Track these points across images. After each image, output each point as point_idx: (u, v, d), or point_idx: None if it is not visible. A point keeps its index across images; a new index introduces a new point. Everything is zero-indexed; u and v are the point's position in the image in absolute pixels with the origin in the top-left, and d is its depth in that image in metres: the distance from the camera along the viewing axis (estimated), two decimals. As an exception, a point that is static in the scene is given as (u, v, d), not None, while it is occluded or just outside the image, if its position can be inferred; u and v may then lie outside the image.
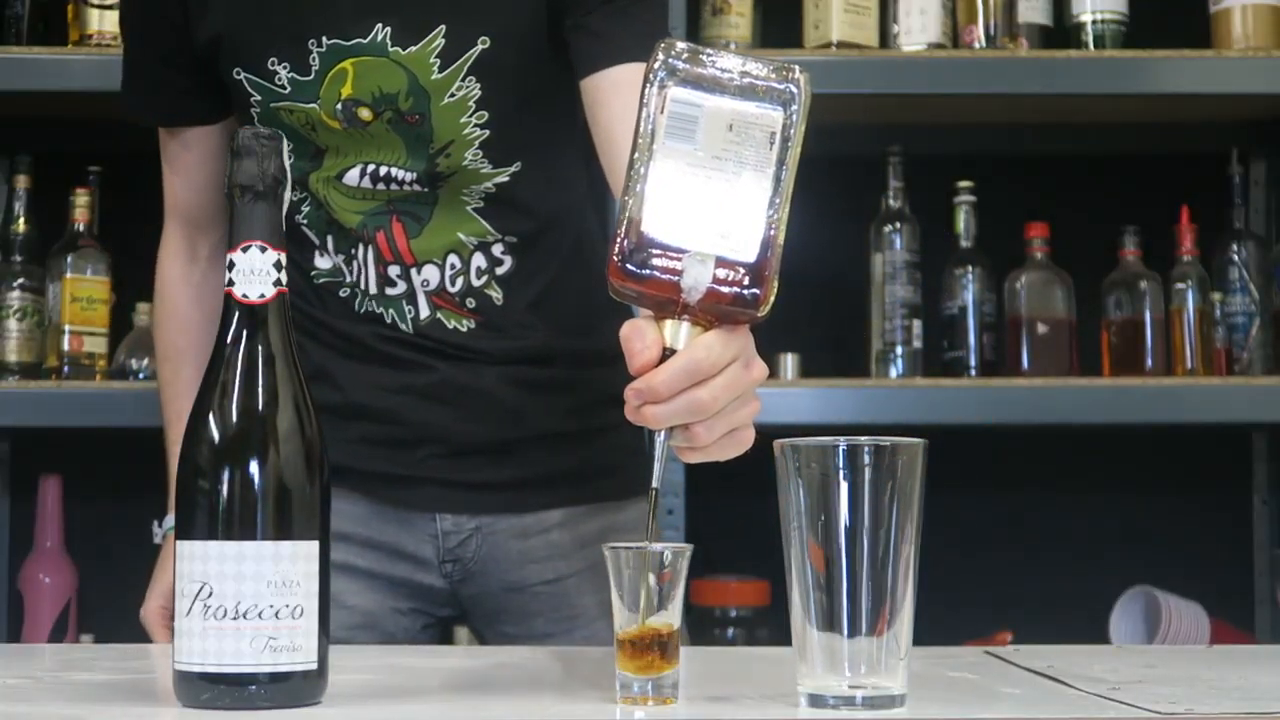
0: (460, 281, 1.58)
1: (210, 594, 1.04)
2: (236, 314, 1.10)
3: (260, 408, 1.08)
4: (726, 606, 2.51)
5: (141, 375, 2.39)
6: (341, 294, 1.60)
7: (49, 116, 2.59)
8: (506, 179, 1.56)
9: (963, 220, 2.55)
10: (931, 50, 2.46)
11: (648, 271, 1.07)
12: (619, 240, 1.08)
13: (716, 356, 1.09)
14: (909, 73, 2.44)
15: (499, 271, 1.59)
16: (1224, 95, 2.46)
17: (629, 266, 1.08)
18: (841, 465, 1.06)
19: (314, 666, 1.06)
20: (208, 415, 1.08)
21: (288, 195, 1.11)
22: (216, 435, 1.07)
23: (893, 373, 2.49)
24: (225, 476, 1.06)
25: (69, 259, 2.41)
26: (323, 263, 1.61)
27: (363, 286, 1.59)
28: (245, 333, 1.09)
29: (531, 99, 1.55)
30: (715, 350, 1.09)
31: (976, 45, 2.49)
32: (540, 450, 1.61)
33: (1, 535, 2.66)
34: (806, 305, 2.74)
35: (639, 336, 1.08)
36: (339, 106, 1.52)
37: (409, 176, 1.54)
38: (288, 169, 1.11)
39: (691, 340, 1.09)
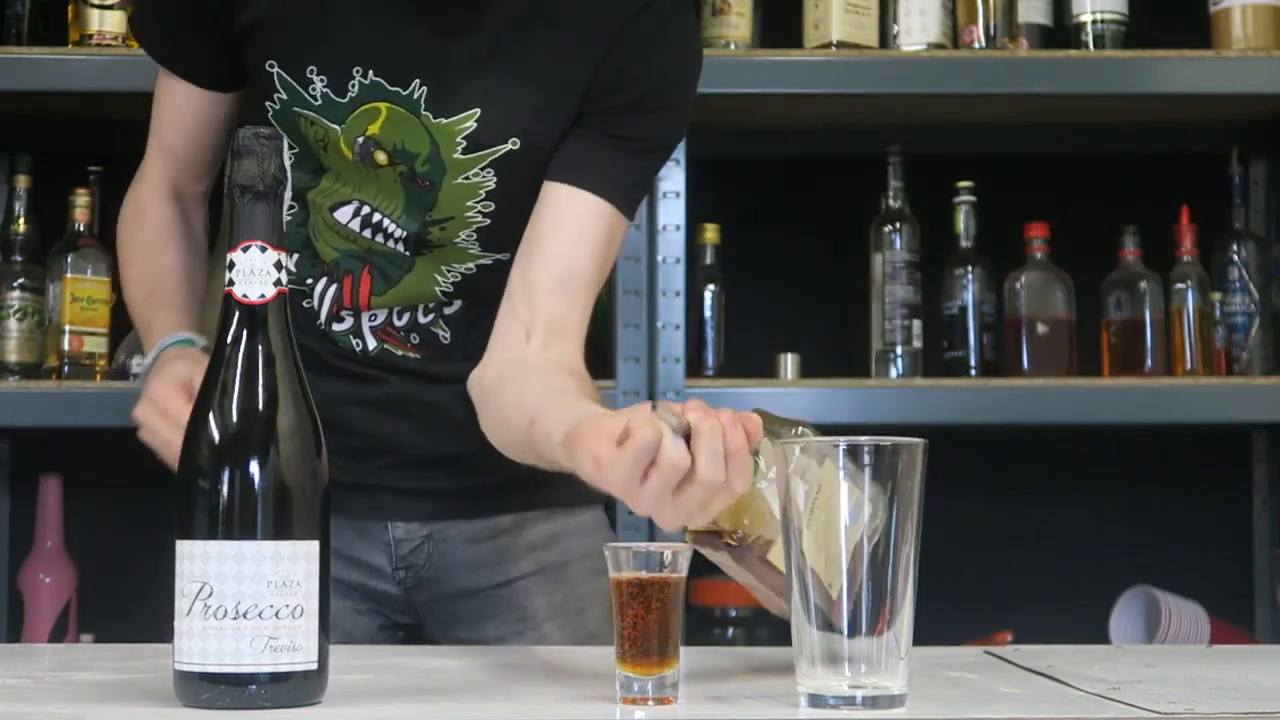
0: (406, 317, 1.60)
1: (210, 594, 1.04)
2: (237, 314, 1.10)
3: (260, 408, 1.08)
4: (726, 606, 2.51)
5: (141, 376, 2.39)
6: (305, 304, 1.60)
7: (49, 116, 2.59)
8: (489, 263, 1.57)
9: (963, 220, 2.55)
10: (931, 50, 2.46)
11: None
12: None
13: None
14: (909, 73, 2.44)
15: (446, 312, 1.60)
16: (1224, 95, 2.46)
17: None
18: (841, 465, 1.06)
19: (314, 666, 1.06)
20: (208, 415, 1.08)
21: (288, 195, 1.11)
22: (217, 435, 1.07)
23: (893, 373, 2.49)
24: (225, 477, 1.06)
25: (69, 259, 2.41)
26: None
27: (316, 310, 1.60)
28: (245, 333, 1.09)
29: (534, 198, 1.55)
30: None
31: (976, 45, 2.49)
32: (491, 459, 1.57)
33: (1, 535, 2.66)
34: (806, 305, 2.74)
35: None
36: (360, 140, 1.51)
37: (399, 233, 1.55)
38: (288, 169, 1.11)
39: None
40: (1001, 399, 2.39)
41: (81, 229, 2.44)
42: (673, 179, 2.41)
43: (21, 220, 2.45)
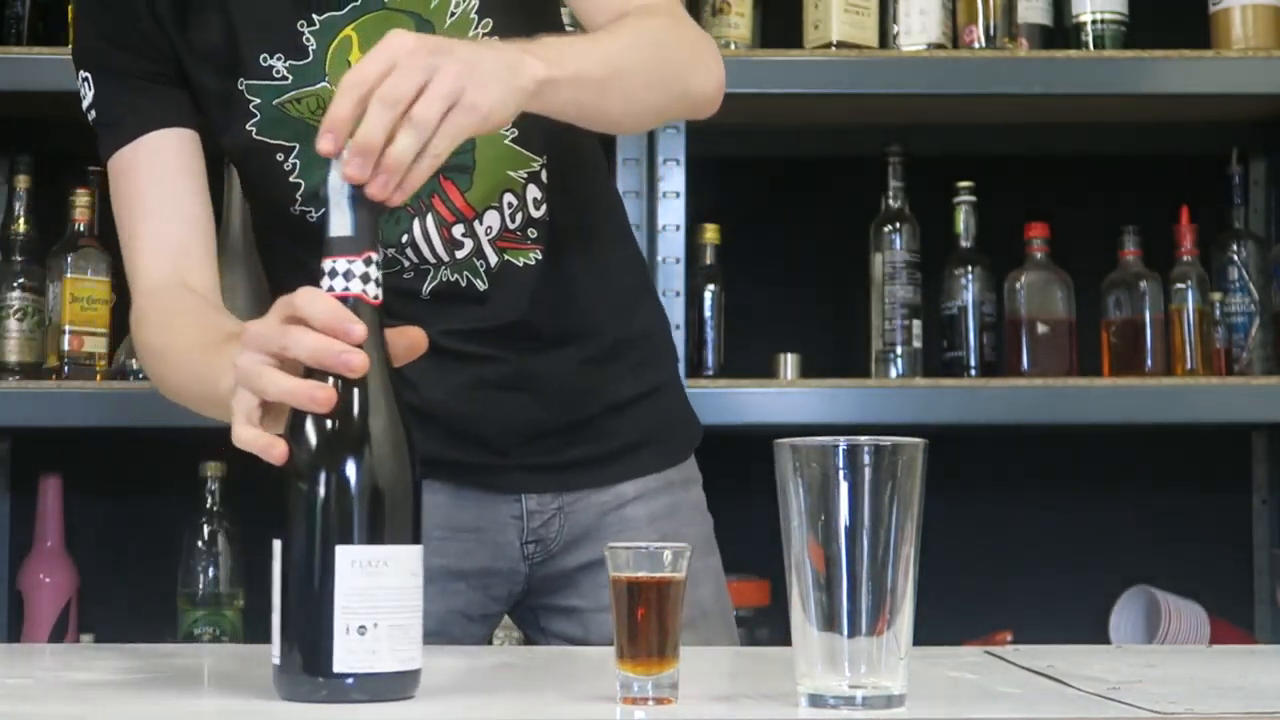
0: (520, 217, 1.57)
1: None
2: (367, 316, 1.12)
3: (396, 414, 1.11)
4: (726, 606, 2.51)
5: (141, 375, 2.39)
6: (406, 277, 1.56)
7: (49, 116, 2.59)
8: None
9: (963, 220, 2.55)
10: (931, 50, 2.46)
11: None
12: None
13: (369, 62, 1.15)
14: (909, 73, 2.44)
15: (552, 195, 1.58)
16: (1224, 95, 2.46)
17: None
18: (841, 465, 1.06)
19: (416, 666, 1.09)
20: (359, 427, 1.10)
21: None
22: (356, 446, 1.09)
23: (893, 373, 2.49)
24: (353, 482, 1.08)
25: (69, 259, 2.41)
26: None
27: (432, 259, 1.56)
28: (378, 332, 1.13)
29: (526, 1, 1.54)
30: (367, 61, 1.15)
31: (976, 45, 2.49)
32: (612, 421, 1.63)
33: (1, 535, 2.66)
34: (806, 305, 2.74)
35: None
36: None
37: None
38: None
39: None
40: (1001, 399, 2.39)
41: (81, 229, 2.44)
42: (673, 179, 2.41)
43: (21, 220, 2.45)
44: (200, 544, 2.41)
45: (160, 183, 1.54)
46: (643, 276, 1.77)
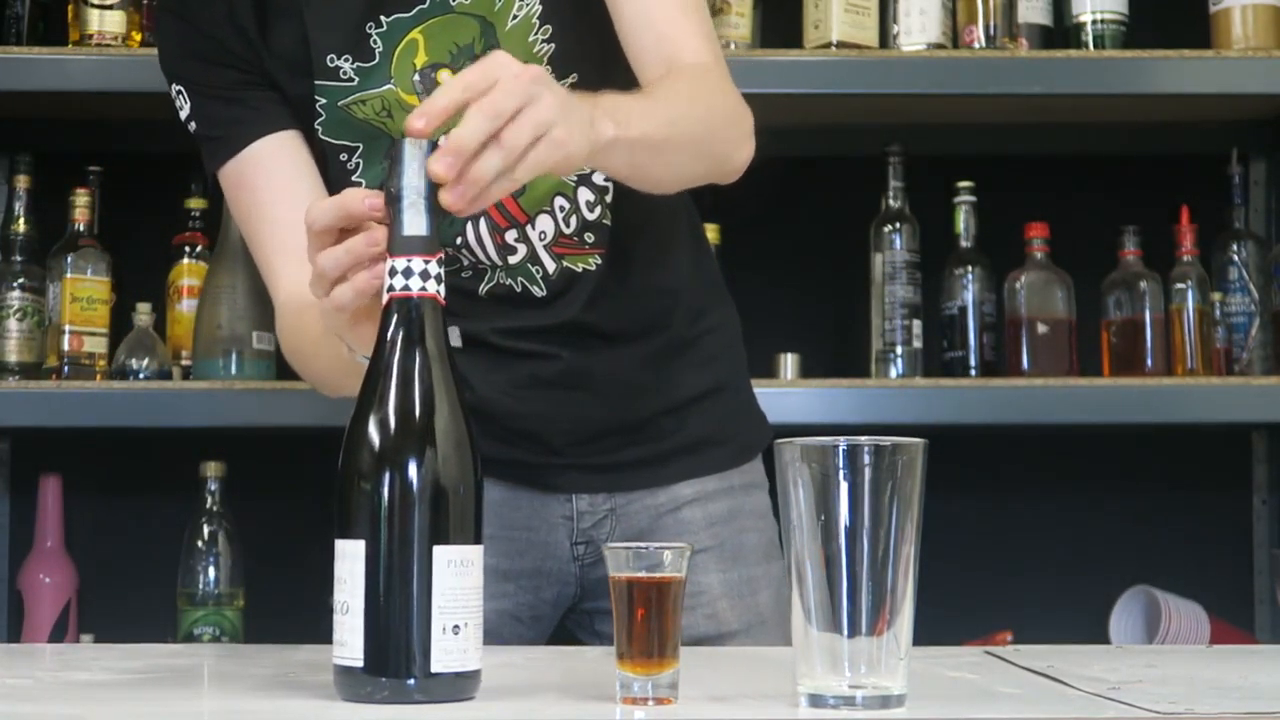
0: (575, 221, 1.57)
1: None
2: (430, 314, 1.12)
3: (460, 414, 1.11)
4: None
5: (142, 375, 2.39)
6: (464, 275, 1.57)
7: (49, 116, 2.59)
8: (571, 83, 1.53)
9: (963, 220, 2.55)
10: (931, 50, 2.46)
11: None
12: None
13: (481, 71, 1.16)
14: (909, 73, 2.44)
15: (609, 198, 1.58)
16: (1224, 95, 2.46)
17: None
18: (841, 465, 1.06)
19: (477, 666, 1.09)
20: (427, 425, 1.10)
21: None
22: (424, 444, 1.09)
23: (893, 373, 2.49)
24: (417, 481, 1.08)
25: (69, 259, 2.41)
26: None
27: (485, 262, 1.56)
28: (442, 330, 1.13)
29: (588, 5, 1.54)
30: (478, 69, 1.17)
31: (976, 45, 2.49)
32: (670, 422, 1.61)
33: (1, 535, 2.66)
34: (806, 305, 2.74)
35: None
36: (416, 79, 1.50)
37: None
38: None
39: None
40: (1001, 399, 2.39)
41: (81, 229, 2.44)
42: (673, 179, 2.41)
43: (21, 220, 2.45)
44: (200, 544, 2.41)
45: (277, 190, 1.54)
46: (710, 275, 1.74)
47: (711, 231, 2.55)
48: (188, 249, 2.51)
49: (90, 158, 2.55)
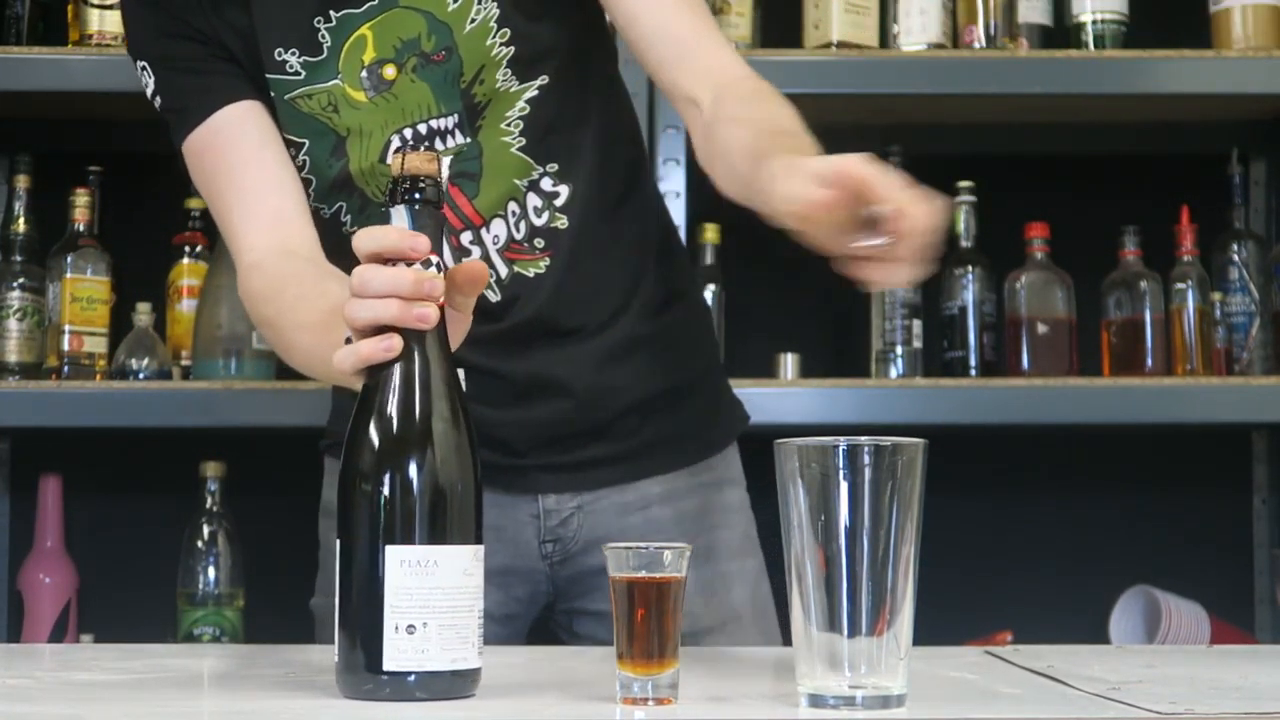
0: (524, 226, 1.57)
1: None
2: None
3: (458, 415, 1.14)
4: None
5: (141, 375, 2.39)
6: None
7: (49, 116, 2.59)
8: (536, 93, 1.54)
9: (963, 220, 2.55)
10: (931, 50, 2.46)
11: None
12: None
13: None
14: (909, 73, 2.44)
15: (558, 203, 1.57)
16: (1224, 95, 2.46)
17: None
18: (841, 465, 1.06)
19: (477, 665, 1.10)
20: (407, 432, 1.12)
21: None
22: (414, 450, 1.11)
23: (893, 373, 2.49)
24: (416, 483, 1.10)
25: (69, 259, 2.41)
26: None
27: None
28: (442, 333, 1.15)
29: (550, 6, 1.54)
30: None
31: (976, 45, 2.49)
32: (633, 419, 1.61)
33: (1, 535, 2.66)
34: (806, 305, 2.74)
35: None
36: (364, 75, 1.50)
37: (449, 122, 1.52)
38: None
39: None
40: (1001, 399, 2.39)
41: (81, 229, 2.44)
42: (673, 179, 2.41)
43: (21, 220, 2.46)
44: (200, 544, 2.41)
45: (243, 157, 1.53)
46: (673, 268, 1.72)
47: (711, 231, 2.55)
48: (187, 249, 2.51)
49: (90, 158, 2.55)
